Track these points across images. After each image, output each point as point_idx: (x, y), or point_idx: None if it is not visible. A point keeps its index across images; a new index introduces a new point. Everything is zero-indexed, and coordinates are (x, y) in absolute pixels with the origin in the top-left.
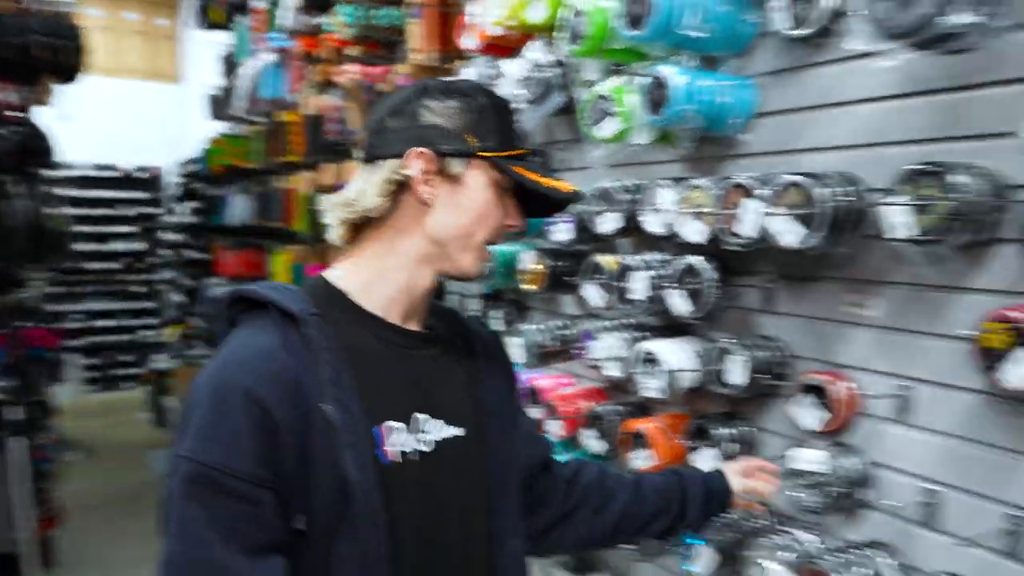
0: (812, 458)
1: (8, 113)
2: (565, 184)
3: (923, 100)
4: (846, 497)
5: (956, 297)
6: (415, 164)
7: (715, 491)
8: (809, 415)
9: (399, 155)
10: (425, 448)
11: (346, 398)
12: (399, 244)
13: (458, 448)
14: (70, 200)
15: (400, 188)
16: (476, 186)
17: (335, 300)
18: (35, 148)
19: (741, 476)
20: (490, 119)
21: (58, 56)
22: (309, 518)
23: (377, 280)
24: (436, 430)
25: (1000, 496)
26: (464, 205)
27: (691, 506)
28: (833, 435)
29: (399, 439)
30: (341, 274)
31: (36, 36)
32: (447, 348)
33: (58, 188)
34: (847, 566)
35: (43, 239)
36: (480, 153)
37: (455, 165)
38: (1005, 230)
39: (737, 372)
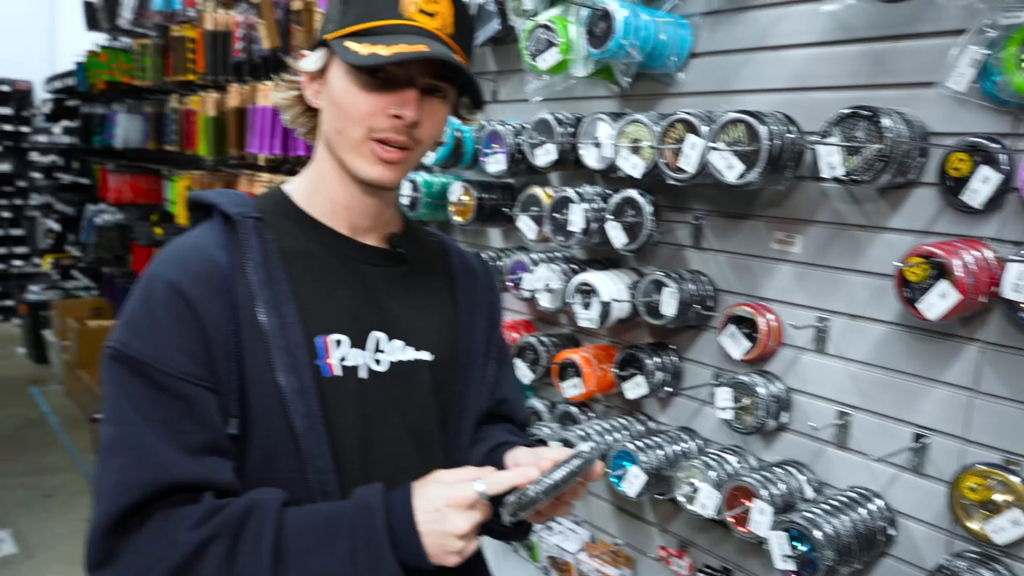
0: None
1: None
2: (416, 47)
3: (854, 48)
4: (768, 421)
5: (874, 235)
6: (300, 64)
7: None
8: (736, 345)
9: None
10: (378, 367)
11: (280, 302)
12: (320, 151)
13: (419, 372)
14: None
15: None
16: (334, 77)
17: (283, 207)
18: None
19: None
20: None
21: None
22: (247, 426)
23: (315, 189)
24: (393, 351)
25: (907, 418)
26: (330, 100)
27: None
28: (755, 364)
29: (345, 353)
30: (292, 184)
31: None
32: (418, 270)
33: None
34: (770, 482)
35: None
36: (324, 38)
37: (315, 59)
38: (924, 174)
39: (667, 303)
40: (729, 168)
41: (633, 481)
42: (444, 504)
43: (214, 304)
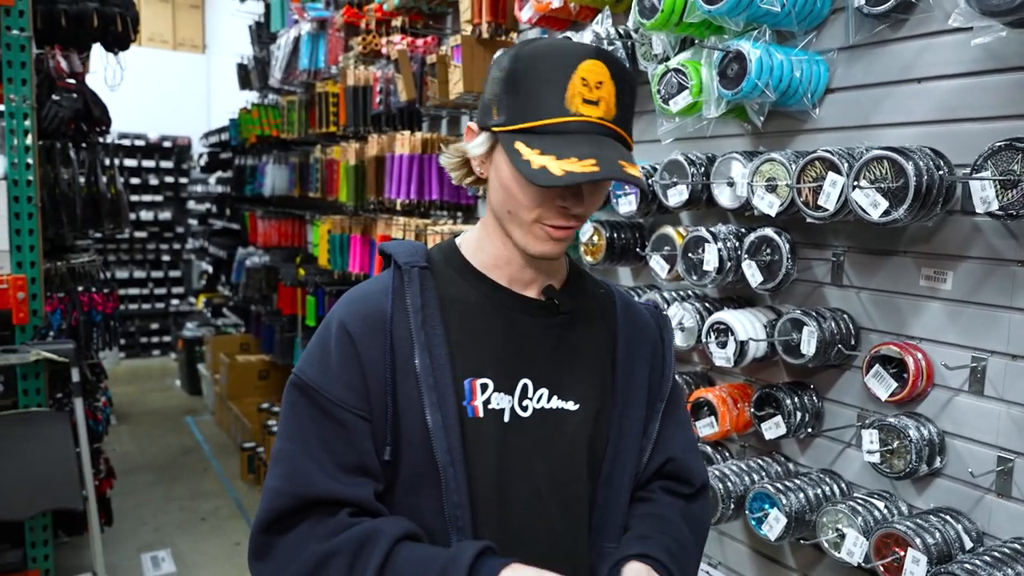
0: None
1: (66, 80)
2: (586, 164)
3: (1007, 77)
4: (920, 466)
5: None
6: (469, 139)
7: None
8: (883, 386)
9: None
10: (523, 413)
11: (433, 345)
12: (488, 214)
13: (562, 421)
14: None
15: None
16: (502, 163)
17: (451, 258)
18: (91, 116)
19: None
20: (509, 87)
21: (109, 25)
22: (398, 455)
23: (481, 244)
24: (538, 399)
25: None
26: (496, 181)
27: None
28: (903, 405)
29: (490, 397)
30: (463, 236)
31: (91, 3)
32: (576, 321)
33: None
34: (924, 531)
35: (101, 206)
36: (493, 128)
37: (481, 144)
38: None
39: (807, 342)
40: (874, 206)
41: (774, 524)
42: None
43: (373, 344)
